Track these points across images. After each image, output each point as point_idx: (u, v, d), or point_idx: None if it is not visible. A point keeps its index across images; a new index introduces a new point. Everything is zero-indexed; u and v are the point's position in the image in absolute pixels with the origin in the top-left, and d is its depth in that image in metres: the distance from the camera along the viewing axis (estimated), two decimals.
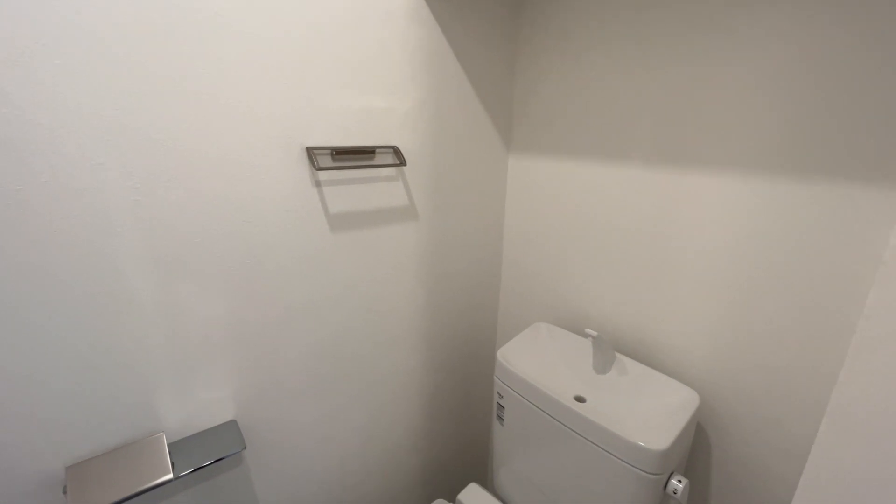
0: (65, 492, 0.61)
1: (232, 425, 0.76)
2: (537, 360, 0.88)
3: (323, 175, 0.75)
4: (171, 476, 0.65)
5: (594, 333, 0.79)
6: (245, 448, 0.73)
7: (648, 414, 0.74)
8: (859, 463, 0.35)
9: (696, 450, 0.82)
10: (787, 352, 0.67)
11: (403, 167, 0.85)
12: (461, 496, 0.97)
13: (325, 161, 0.75)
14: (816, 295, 0.63)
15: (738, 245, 0.69)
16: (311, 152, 0.72)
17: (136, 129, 0.58)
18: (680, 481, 0.69)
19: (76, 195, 0.55)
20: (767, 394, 0.71)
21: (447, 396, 1.14)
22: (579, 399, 0.80)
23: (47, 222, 0.54)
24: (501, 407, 0.90)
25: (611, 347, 0.84)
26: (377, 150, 0.80)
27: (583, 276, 0.95)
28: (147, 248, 0.62)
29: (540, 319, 1.06)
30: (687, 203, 0.74)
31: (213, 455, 0.70)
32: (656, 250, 0.80)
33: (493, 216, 1.07)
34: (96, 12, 0.52)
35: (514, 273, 1.12)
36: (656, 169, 0.77)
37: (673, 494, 0.68)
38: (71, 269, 0.57)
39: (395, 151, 0.82)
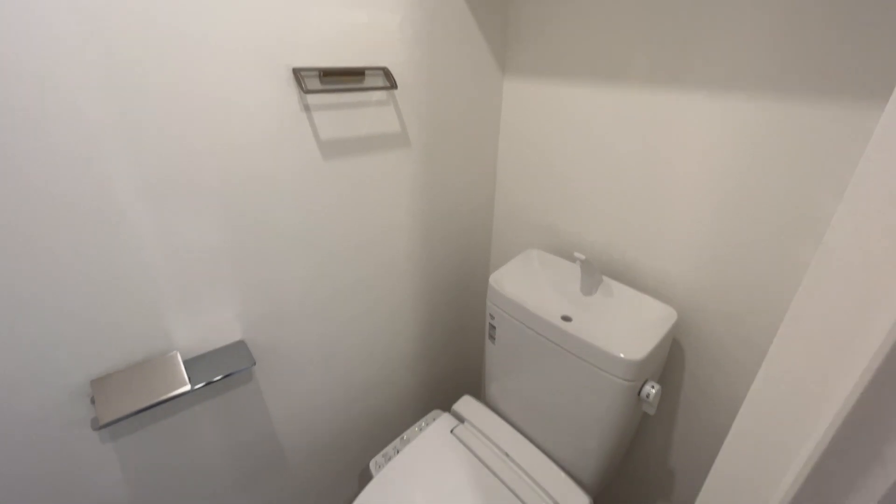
0: (93, 402, 0.67)
1: (241, 345, 0.81)
2: (528, 285, 0.92)
3: (312, 99, 0.73)
4: (188, 388, 0.70)
5: (582, 257, 0.83)
6: (255, 364, 0.79)
7: (629, 329, 0.79)
8: (810, 361, 0.40)
9: (671, 360, 0.89)
10: (764, 277, 0.71)
11: (394, 91, 0.83)
12: (456, 406, 1.06)
13: (314, 83, 0.72)
14: (796, 216, 0.65)
15: (726, 167, 0.70)
16: (299, 74, 0.69)
17: (107, 55, 0.55)
18: (653, 387, 0.76)
19: (59, 122, 0.54)
20: (740, 313, 0.76)
21: (442, 318, 1.21)
22: (566, 318, 0.85)
23: (33, 151, 0.54)
24: (493, 327, 0.95)
25: (598, 270, 0.88)
26: (367, 72, 0.77)
27: (574, 201, 0.96)
28: (138, 176, 0.62)
29: (532, 245, 1.09)
30: (680, 124, 0.74)
31: (226, 370, 0.76)
32: (647, 174, 0.81)
33: (487, 142, 1.06)
34: None
35: (507, 199, 1.13)
36: (652, 90, 0.75)
37: (646, 398, 0.76)
38: (63, 193, 0.58)
39: (386, 73, 0.79)
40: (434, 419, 1.06)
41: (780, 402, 0.43)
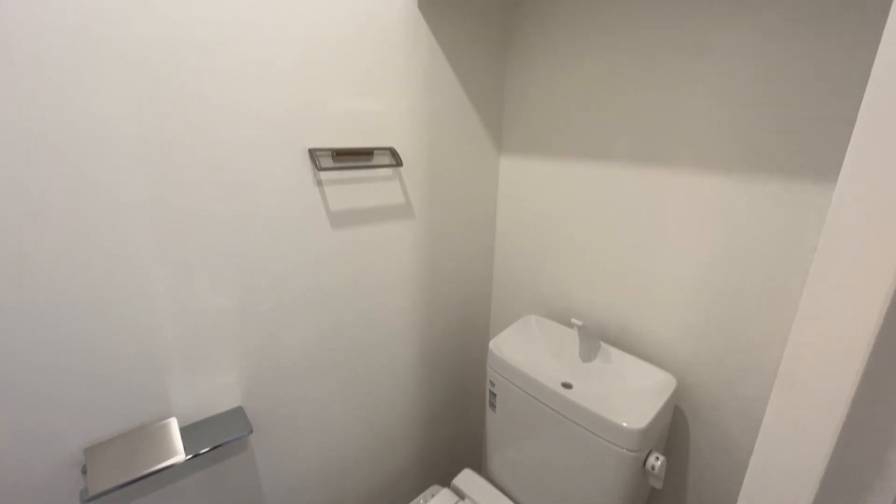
0: (84, 472, 0.65)
1: (239, 411, 0.80)
2: (527, 351, 0.93)
3: (324, 175, 0.80)
4: (182, 458, 0.69)
5: (579, 323, 0.85)
6: (252, 432, 0.78)
7: (629, 397, 0.79)
8: (804, 419, 0.41)
9: (674, 430, 0.87)
10: (756, 336, 0.73)
11: (400, 168, 0.90)
12: (456, 481, 1.02)
13: (327, 162, 0.79)
14: (779, 281, 0.68)
15: (708, 237, 0.75)
16: (314, 154, 0.76)
17: (150, 132, 0.62)
18: (658, 458, 0.74)
19: (94, 192, 0.60)
20: (740, 377, 0.76)
21: (441, 386, 1.19)
22: (566, 385, 0.85)
23: (68, 217, 0.59)
24: (493, 395, 0.95)
25: (595, 337, 0.90)
26: (375, 151, 0.85)
27: (571, 269, 1.00)
28: (159, 240, 0.66)
29: (530, 311, 1.11)
30: (664, 199, 0.80)
31: (221, 438, 0.75)
32: (637, 244, 0.86)
33: (485, 214, 1.13)
34: (116, 27, 0.57)
35: (505, 267, 1.17)
36: (637, 168, 0.83)
37: (651, 470, 0.74)
38: (86, 259, 0.61)
39: (392, 153, 0.87)
40: (433, 495, 1.01)
41: (780, 472, 0.43)
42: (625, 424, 0.72)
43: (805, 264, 0.65)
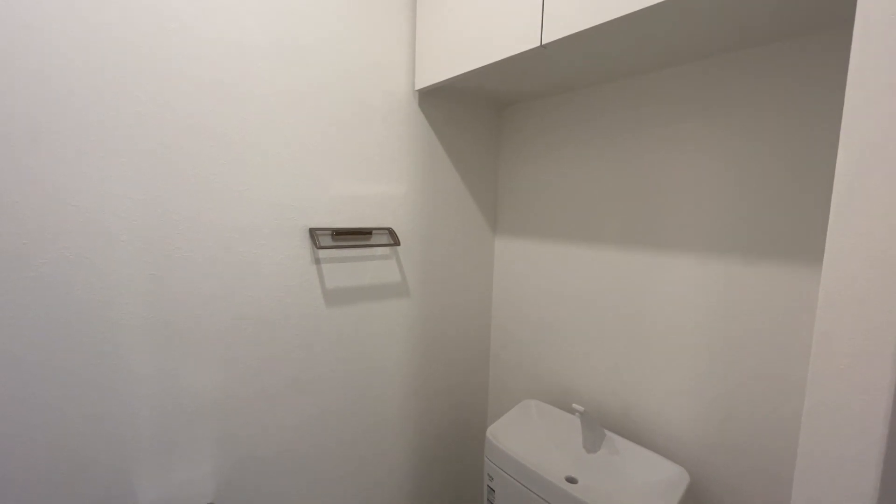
0: None
1: None
2: (527, 439, 0.87)
3: (323, 253, 0.81)
4: None
5: (581, 409, 0.80)
6: None
7: (640, 494, 0.73)
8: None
9: None
10: (767, 419, 0.69)
11: (398, 247, 0.92)
12: None
13: (326, 241, 0.81)
14: (774, 358, 0.67)
15: (702, 317, 0.74)
16: (314, 233, 0.78)
17: (153, 216, 0.65)
18: None
19: (93, 270, 0.60)
20: (756, 465, 0.71)
21: (437, 480, 1.09)
22: (571, 480, 0.79)
23: (61, 288, 0.58)
24: (492, 491, 0.86)
25: (598, 424, 0.85)
26: (374, 231, 0.87)
27: (568, 350, 0.98)
28: (150, 319, 0.65)
29: (529, 393, 1.06)
30: (656, 280, 0.81)
31: None
32: (633, 325, 0.85)
33: (481, 294, 1.13)
34: (136, 130, 0.62)
35: (502, 347, 1.14)
36: (627, 250, 0.85)
37: None
38: (75, 338, 0.60)
39: (391, 233, 0.89)
40: None
41: None
42: None
43: (805, 341, 0.64)
